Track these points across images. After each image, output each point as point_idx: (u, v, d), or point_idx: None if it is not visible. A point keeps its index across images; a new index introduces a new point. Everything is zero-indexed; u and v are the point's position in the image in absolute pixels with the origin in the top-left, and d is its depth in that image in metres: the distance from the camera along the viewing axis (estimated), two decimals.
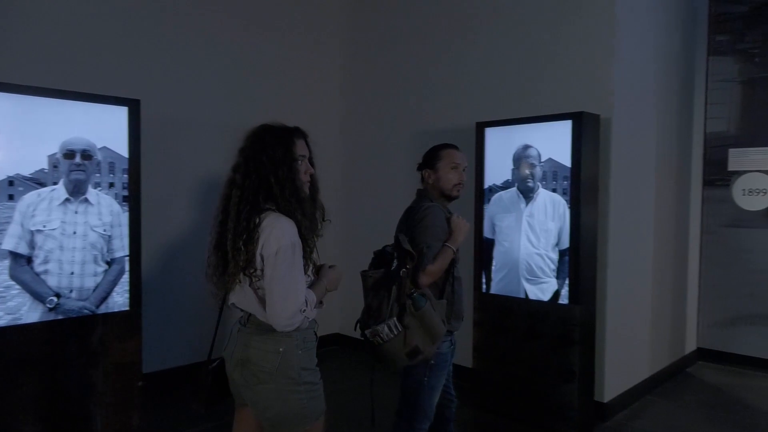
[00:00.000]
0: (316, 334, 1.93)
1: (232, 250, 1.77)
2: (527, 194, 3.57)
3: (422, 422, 2.35)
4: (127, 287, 2.93)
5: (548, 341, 3.45)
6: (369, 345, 2.18)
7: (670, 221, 4.45)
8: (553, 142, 3.45)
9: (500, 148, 3.71)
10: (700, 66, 4.84)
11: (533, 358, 3.50)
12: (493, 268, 3.75)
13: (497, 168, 3.73)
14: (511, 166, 3.65)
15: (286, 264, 1.74)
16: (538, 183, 3.52)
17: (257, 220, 1.77)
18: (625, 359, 3.82)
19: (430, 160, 2.48)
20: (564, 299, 3.40)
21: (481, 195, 3.80)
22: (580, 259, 3.33)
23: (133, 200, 2.92)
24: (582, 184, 3.33)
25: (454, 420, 2.59)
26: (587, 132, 3.36)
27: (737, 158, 4.81)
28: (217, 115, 4.36)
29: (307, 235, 1.83)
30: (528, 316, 3.54)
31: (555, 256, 3.45)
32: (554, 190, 3.46)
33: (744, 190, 4.79)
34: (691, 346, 4.86)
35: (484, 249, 3.78)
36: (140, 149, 2.94)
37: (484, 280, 3.78)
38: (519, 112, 3.80)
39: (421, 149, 2.60)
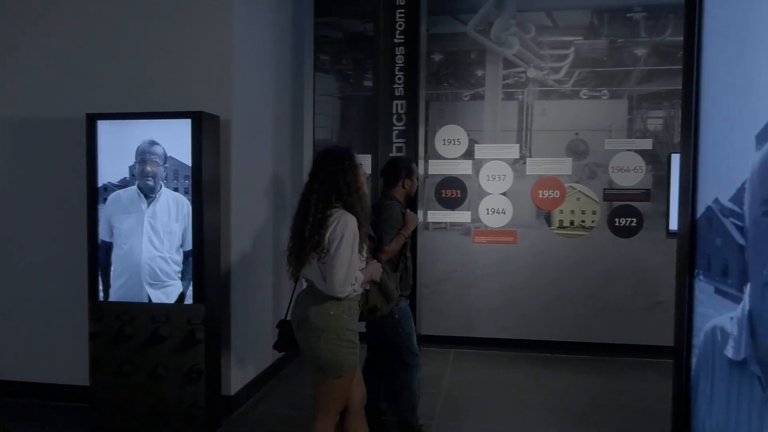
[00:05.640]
0: (359, 305, 2.56)
1: (309, 236, 2.37)
2: (148, 194, 3.41)
3: (413, 358, 3.24)
4: None
5: (174, 343, 3.37)
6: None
7: (288, 218, 4.87)
8: (175, 140, 3.37)
9: (116, 144, 3.43)
10: (309, 80, 5.45)
11: (157, 363, 3.37)
12: (112, 273, 3.45)
13: (113, 165, 3.44)
14: (128, 163, 3.42)
15: (346, 247, 2.34)
16: (161, 182, 3.39)
17: (328, 213, 2.38)
18: (250, 350, 4.03)
19: (408, 172, 3.32)
20: (189, 300, 3.37)
21: (95, 194, 3.45)
22: (204, 258, 3.35)
23: None
24: (204, 184, 3.35)
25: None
26: (207, 132, 3.40)
27: None
28: None
29: (363, 223, 2.44)
30: (151, 320, 3.38)
31: (180, 257, 3.39)
32: (176, 190, 3.39)
33: None
34: None
35: (100, 253, 3.45)
36: None
37: (101, 288, 3.45)
38: (138, 107, 3.59)
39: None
